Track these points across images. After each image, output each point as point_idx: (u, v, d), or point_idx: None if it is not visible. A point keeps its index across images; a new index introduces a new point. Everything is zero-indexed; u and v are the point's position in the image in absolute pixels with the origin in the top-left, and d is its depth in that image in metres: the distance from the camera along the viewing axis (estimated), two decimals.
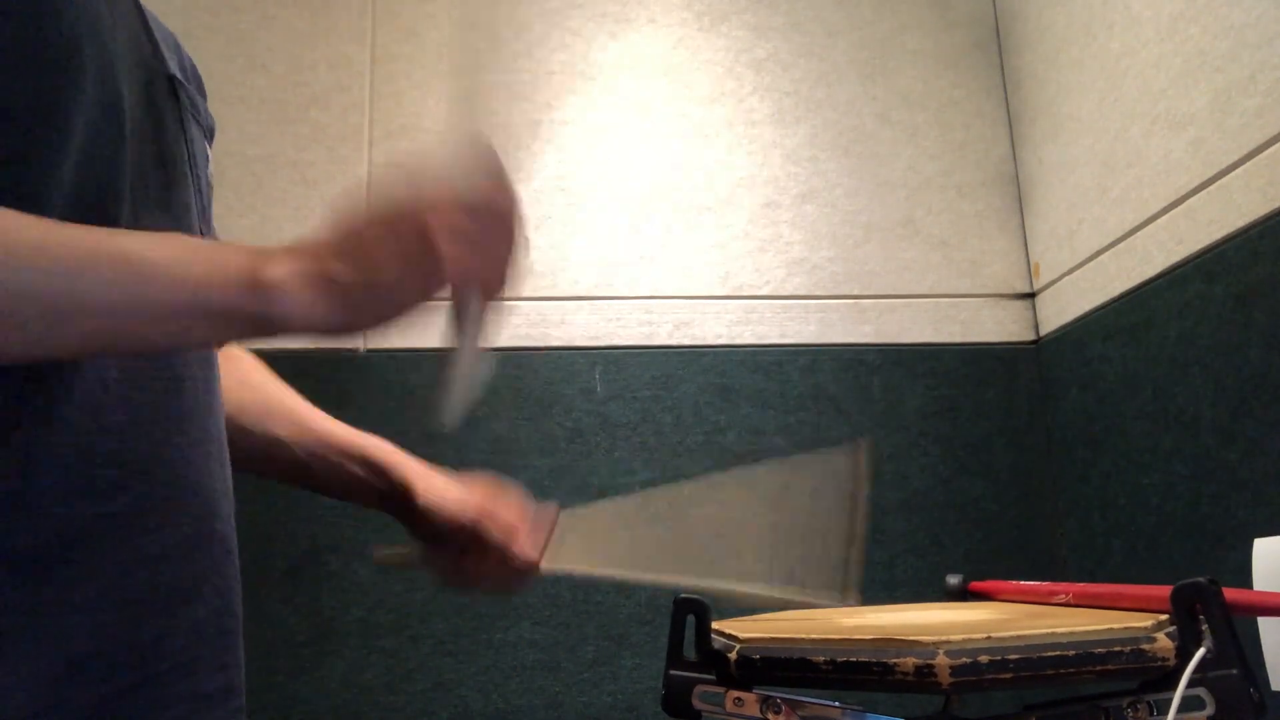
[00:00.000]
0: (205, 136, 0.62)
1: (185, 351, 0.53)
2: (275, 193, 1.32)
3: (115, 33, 0.49)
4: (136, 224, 0.49)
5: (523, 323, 1.29)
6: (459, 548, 0.71)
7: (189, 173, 0.56)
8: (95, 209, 0.46)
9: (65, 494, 0.45)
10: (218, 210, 1.31)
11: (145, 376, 0.49)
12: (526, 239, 0.50)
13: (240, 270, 0.42)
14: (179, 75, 0.58)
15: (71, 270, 0.39)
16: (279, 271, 0.42)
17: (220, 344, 0.51)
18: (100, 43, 0.47)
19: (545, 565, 0.72)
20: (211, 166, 0.62)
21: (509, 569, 0.71)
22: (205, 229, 0.59)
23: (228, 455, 0.58)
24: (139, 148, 0.50)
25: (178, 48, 0.61)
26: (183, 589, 0.51)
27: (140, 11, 0.56)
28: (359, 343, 1.27)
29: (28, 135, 0.44)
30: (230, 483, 0.58)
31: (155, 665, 0.48)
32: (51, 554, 0.44)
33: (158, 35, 0.57)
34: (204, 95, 0.64)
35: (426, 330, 1.44)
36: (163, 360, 0.51)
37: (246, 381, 0.70)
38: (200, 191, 0.58)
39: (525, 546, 0.71)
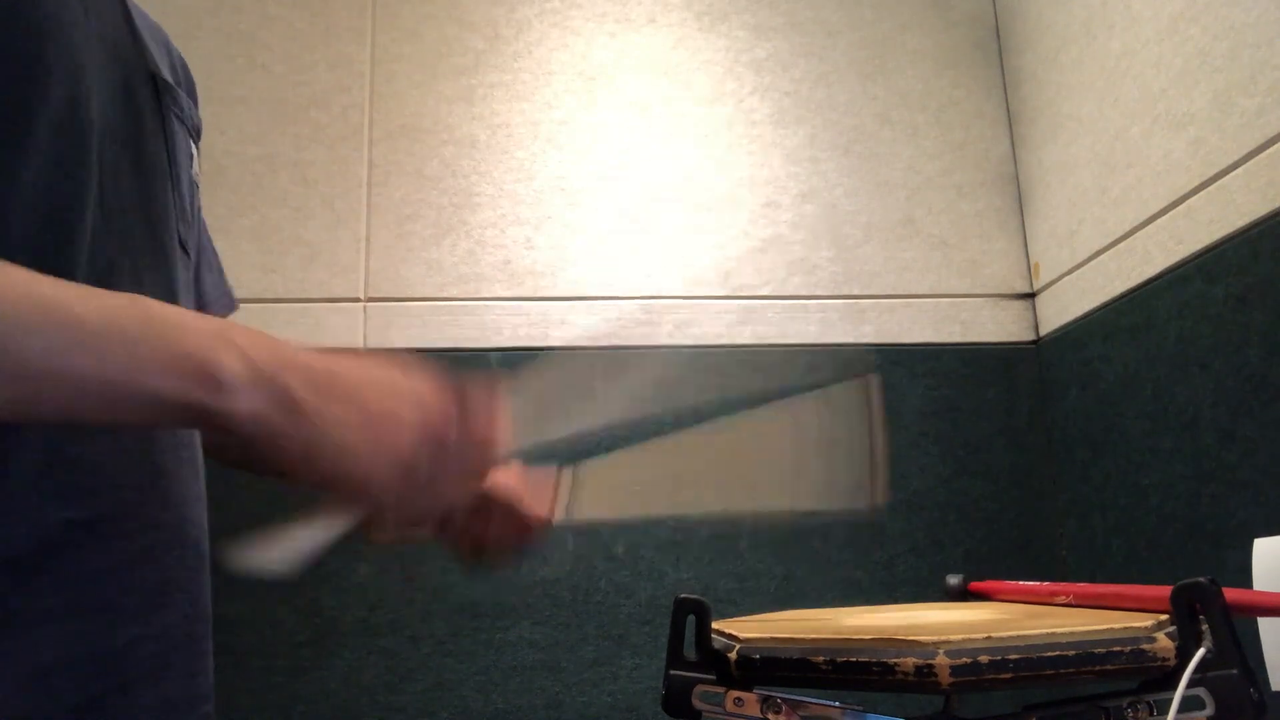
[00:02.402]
0: (190, 135, 0.60)
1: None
2: (275, 193, 1.32)
3: (87, 30, 0.48)
4: (107, 225, 0.48)
5: (523, 323, 1.30)
6: (465, 513, 0.70)
7: (169, 172, 0.56)
8: (59, 213, 0.45)
9: (35, 500, 0.44)
10: (218, 210, 1.32)
11: None
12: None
13: (194, 358, 0.39)
14: (163, 73, 0.57)
15: (21, 327, 0.36)
16: (235, 366, 0.40)
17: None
18: (68, 42, 0.46)
19: (558, 517, 0.71)
20: (197, 165, 0.62)
21: (520, 526, 0.70)
22: (186, 229, 0.58)
23: (201, 460, 0.57)
24: (113, 148, 0.50)
25: (167, 45, 0.61)
26: (154, 595, 0.50)
27: (124, 7, 0.55)
28: (359, 343, 1.27)
29: None
30: (203, 487, 0.57)
31: (126, 672, 0.48)
32: (21, 561, 0.44)
33: (143, 32, 0.57)
34: (194, 94, 0.63)
35: (426, 329, 1.43)
36: None
37: None
38: (181, 192, 0.57)
39: (533, 501, 0.70)
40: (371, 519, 0.44)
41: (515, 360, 1.28)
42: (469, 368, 1.27)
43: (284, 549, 0.45)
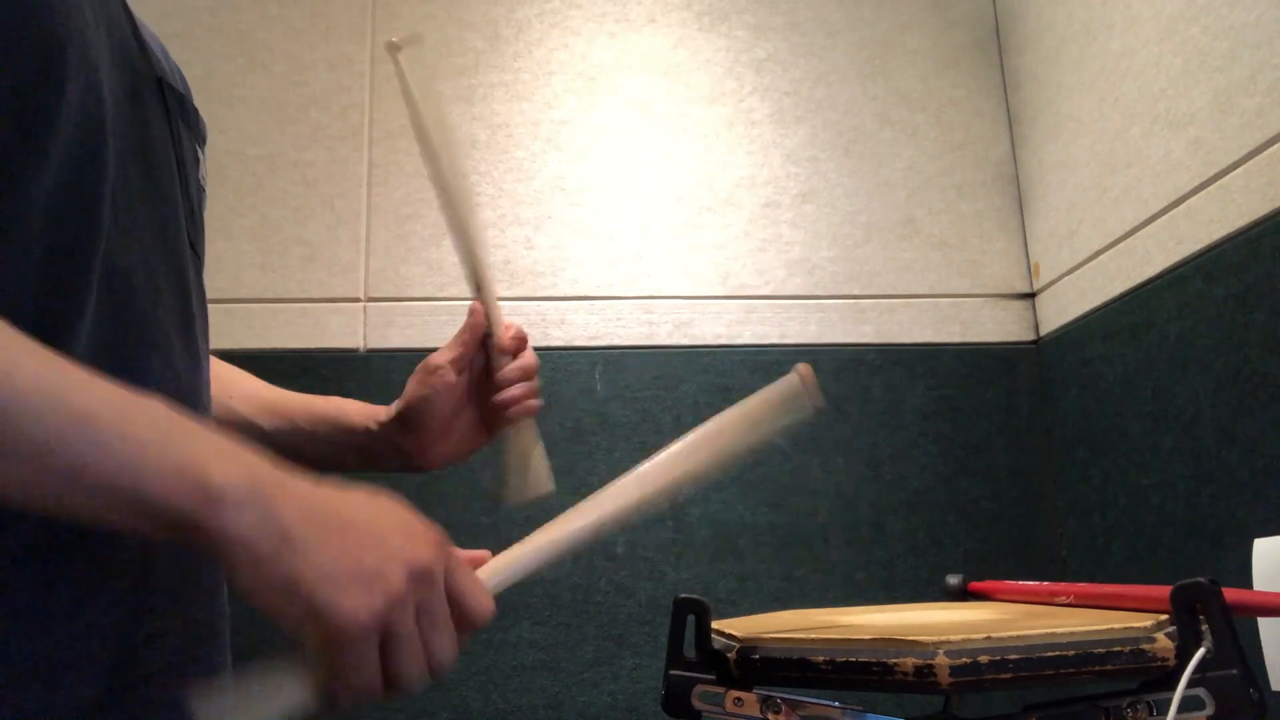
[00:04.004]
0: (196, 140, 0.61)
1: (174, 373, 0.51)
2: (275, 193, 1.32)
3: (100, 36, 0.49)
4: (119, 230, 0.49)
5: (523, 323, 1.29)
6: (466, 383, 0.71)
7: (177, 176, 0.56)
8: (74, 217, 0.46)
9: None
10: (218, 210, 1.32)
11: (130, 375, 0.49)
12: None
13: (196, 470, 0.39)
14: (168, 79, 0.57)
15: (30, 410, 0.36)
16: (234, 484, 0.39)
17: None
18: (84, 47, 0.46)
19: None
20: (204, 170, 0.62)
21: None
22: (196, 232, 0.58)
23: None
24: (123, 152, 0.50)
25: (165, 52, 0.61)
26: (173, 590, 0.50)
27: (129, 14, 0.56)
28: (359, 343, 1.27)
29: (6, 143, 0.43)
30: None
31: (146, 667, 0.48)
32: (39, 556, 0.44)
33: (146, 38, 0.57)
34: (191, 99, 0.63)
35: (426, 329, 1.43)
36: (148, 357, 0.50)
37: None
38: (189, 195, 0.58)
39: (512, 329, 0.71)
40: (337, 672, 0.42)
41: None
42: None
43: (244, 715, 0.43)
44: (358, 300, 1.29)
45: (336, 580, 0.40)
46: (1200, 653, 0.50)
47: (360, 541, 0.42)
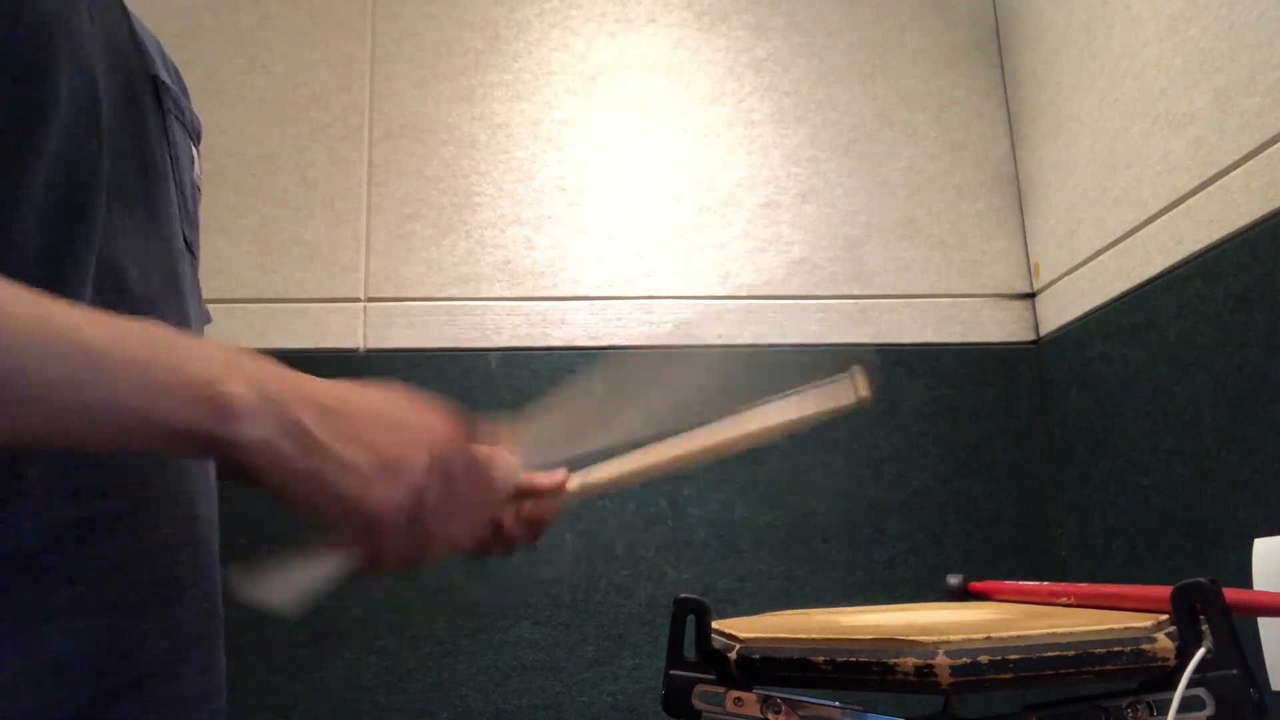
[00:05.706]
0: (191, 138, 0.61)
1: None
2: (275, 193, 1.32)
3: (96, 34, 0.48)
4: (114, 229, 0.49)
5: (523, 323, 1.29)
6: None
7: (171, 175, 0.56)
8: (70, 216, 0.46)
9: (49, 498, 0.44)
10: (218, 210, 1.32)
11: None
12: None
13: (205, 386, 0.39)
14: (164, 77, 0.57)
15: (30, 353, 0.36)
16: (245, 394, 0.40)
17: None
18: (77, 46, 0.46)
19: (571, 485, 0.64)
20: (198, 168, 0.62)
21: (530, 520, 0.64)
22: (191, 231, 0.58)
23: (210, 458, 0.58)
24: (118, 151, 0.50)
25: (160, 48, 0.61)
26: (164, 592, 0.50)
27: (126, 13, 0.56)
28: (359, 343, 1.27)
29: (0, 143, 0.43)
30: (213, 485, 0.57)
31: (138, 669, 0.48)
32: (30, 558, 0.44)
33: (142, 35, 0.57)
34: (187, 97, 0.63)
35: (426, 330, 1.43)
36: None
37: None
38: (184, 194, 0.58)
39: (541, 498, 0.64)
40: (374, 553, 0.45)
41: (515, 360, 1.28)
42: (469, 368, 1.27)
43: (288, 585, 0.45)
44: (358, 300, 1.29)
45: (360, 472, 0.42)
46: (1200, 653, 0.50)
47: (378, 432, 0.43)
